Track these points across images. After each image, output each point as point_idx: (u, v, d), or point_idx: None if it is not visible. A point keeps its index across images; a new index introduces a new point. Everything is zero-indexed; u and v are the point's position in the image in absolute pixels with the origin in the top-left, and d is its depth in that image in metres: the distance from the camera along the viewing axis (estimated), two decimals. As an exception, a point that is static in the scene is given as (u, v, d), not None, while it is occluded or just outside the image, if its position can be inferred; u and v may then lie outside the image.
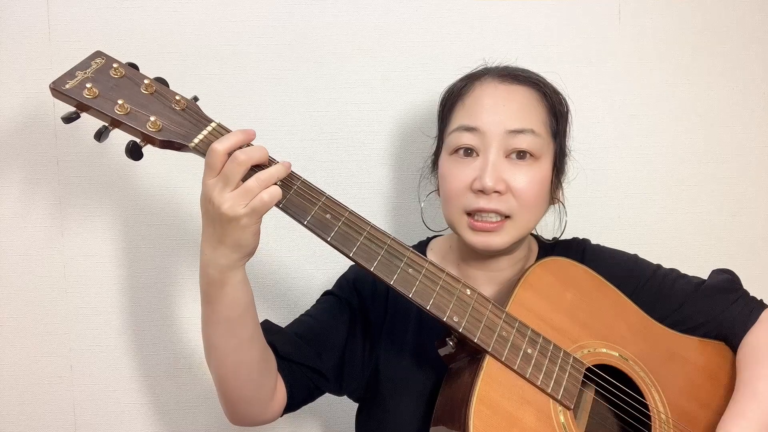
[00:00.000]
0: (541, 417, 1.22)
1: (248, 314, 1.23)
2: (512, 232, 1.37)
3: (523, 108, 1.37)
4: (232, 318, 1.21)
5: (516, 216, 1.35)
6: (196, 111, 1.22)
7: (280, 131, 1.77)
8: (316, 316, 1.46)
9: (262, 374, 1.30)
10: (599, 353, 1.34)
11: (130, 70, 1.23)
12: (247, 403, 1.31)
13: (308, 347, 1.39)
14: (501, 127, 1.34)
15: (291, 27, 1.76)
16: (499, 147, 1.34)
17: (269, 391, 1.32)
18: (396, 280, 1.20)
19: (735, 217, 1.92)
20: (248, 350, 1.25)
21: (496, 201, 1.33)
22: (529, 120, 1.36)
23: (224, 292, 1.19)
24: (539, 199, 1.38)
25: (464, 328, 1.22)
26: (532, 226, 1.40)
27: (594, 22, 1.82)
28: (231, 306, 1.20)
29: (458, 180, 1.37)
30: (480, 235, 1.36)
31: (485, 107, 1.37)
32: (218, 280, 1.18)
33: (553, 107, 1.41)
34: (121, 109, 1.16)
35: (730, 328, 1.43)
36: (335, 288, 1.52)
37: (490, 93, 1.39)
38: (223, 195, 1.11)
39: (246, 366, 1.26)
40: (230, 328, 1.22)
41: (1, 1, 1.71)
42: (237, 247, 1.15)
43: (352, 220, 1.20)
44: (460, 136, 1.37)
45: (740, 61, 1.87)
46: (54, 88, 1.17)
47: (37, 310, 1.79)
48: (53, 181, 1.75)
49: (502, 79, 1.40)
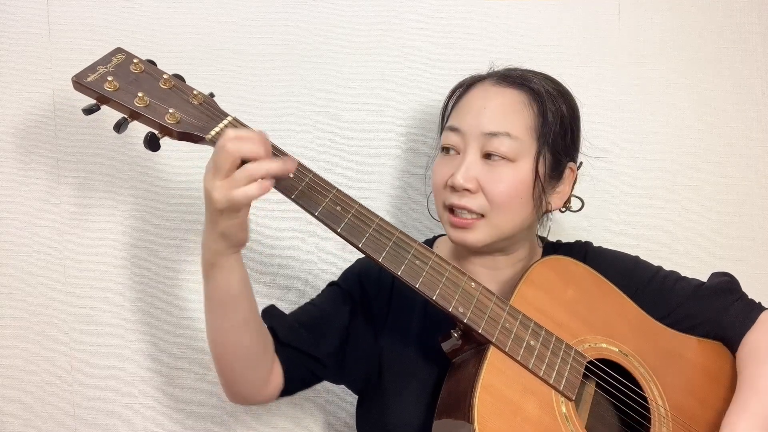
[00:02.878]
0: (543, 407, 1.23)
1: (240, 299, 1.27)
2: (487, 231, 1.39)
3: (504, 111, 1.39)
4: (224, 301, 1.26)
5: (489, 215, 1.38)
6: (212, 105, 1.26)
7: (280, 131, 1.76)
8: (318, 305, 1.50)
9: (257, 357, 1.34)
10: (600, 348, 1.35)
11: (150, 65, 1.28)
12: (242, 383, 1.36)
13: (307, 334, 1.42)
14: (478, 129, 1.38)
15: (291, 27, 1.77)
16: (476, 148, 1.38)
17: (264, 373, 1.37)
18: (403, 271, 1.24)
19: (735, 217, 1.92)
20: (241, 333, 1.30)
21: (467, 198, 1.38)
22: (507, 123, 1.38)
23: (214, 274, 1.24)
24: (513, 201, 1.38)
25: (469, 319, 1.24)
26: (510, 226, 1.41)
27: (594, 22, 1.83)
28: (222, 289, 1.25)
29: (439, 176, 1.43)
30: (457, 231, 1.41)
31: (471, 109, 1.42)
32: (210, 263, 1.23)
33: (544, 112, 1.41)
34: (141, 102, 1.21)
35: (728, 328, 1.45)
36: (340, 279, 1.55)
37: (481, 96, 1.43)
38: (213, 182, 1.15)
39: (239, 347, 1.31)
40: (222, 310, 1.28)
41: (1, 1, 1.71)
42: (223, 236, 1.20)
43: (361, 212, 1.24)
44: (448, 136, 1.43)
45: (740, 61, 1.87)
46: (76, 80, 1.22)
47: (37, 310, 1.78)
48: (53, 180, 1.75)
49: (498, 82, 1.44)
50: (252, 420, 1.86)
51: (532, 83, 1.42)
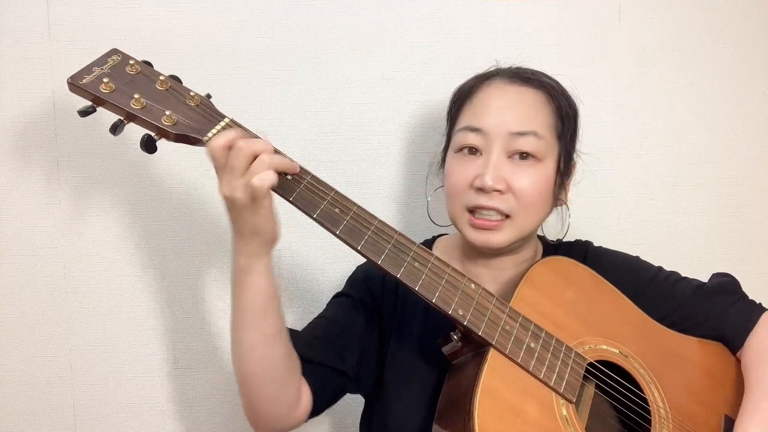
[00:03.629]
0: (543, 409, 1.23)
1: (272, 307, 1.25)
2: (512, 232, 1.38)
3: (528, 110, 1.38)
4: (257, 308, 1.23)
5: (516, 216, 1.37)
6: (209, 107, 1.25)
7: (280, 131, 1.76)
8: (331, 318, 1.47)
9: (287, 373, 1.30)
10: (600, 349, 1.35)
11: (146, 67, 1.26)
12: (272, 403, 1.31)
13: (329, 348, 1.40)
14: (504, 129, 1.36)
15: (291, 27, 1.76)
16: (501, 147, 1.36)
17: (294, 391, 1.32)
18: (402, 274, 1.22)
19: (735, 217, 1.92)
20: (273, 346, 1.26)
21: (496, 199, 1.35)
22: (533, 122, 1.37)
23: (249, 280, 1.22)
24: (540, 201, 1.38)
25: (469, 321, 1.23)
26: (532, 226, 1.41)
27: (594, 22, 1.83)
28: (256, 295, 1.23)
29: (461, 177, 1.39)
30: (480, 233, 1.38)
31: (491, 109, 1.39)
32: (243, 268, 1.21)
33: (560, 109, 1.42)
34: (137, 104, 1.20)
35: (729, 329, 1.45)
36: (346, 288, 1.53)
37: (497, 94, 1.41)
38: (232, 183, 1.14)
39: (270, 363, 1.27)
40: (255, 320, 1.24)
41: (1, 1, 1.71)
42: (255, 234, 1.19)
43: (360, 214, 1.23)
44: (466, 136, 1.40)
45: (740, 61, 1.87)
46: (72, 82, 1.20)
47: (37, 310, 1.78)
48: (53, 181, 1.75)
49: (511, 80, 1.42)
50: (252, 420, 1.85)
51: (547, 82, 1.42)
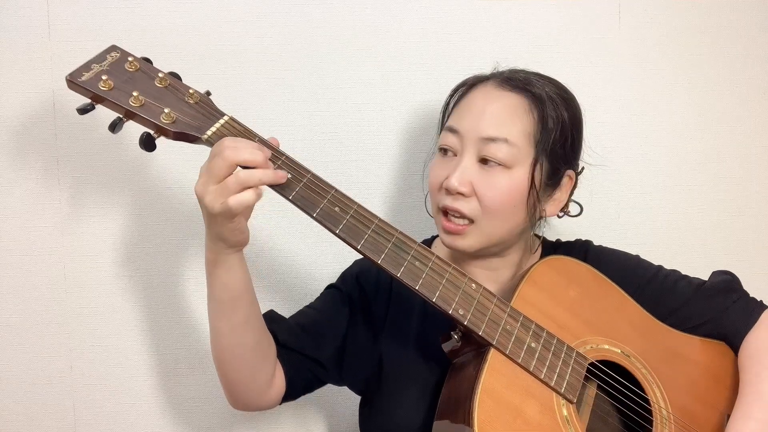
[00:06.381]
0: (544, 410, 1.22)
1: (241, 300, 1.27)
2: (476, 237, 1.39)
3: (503, 117, 1.37)
4: (224, 300, 1.27)
5: (479, 221, 1.37)
6: (208, 104, 1.24)
7: (280, 131, 1.73)
8: (317, 308, 1.50)
9: (259, 360, 1.34)
10: (602, 349, 1.35)
11: (145, 63, 1.25)
12: (245, 386, 1.36)
13: (307, 336, 1.43)
14: (476, 133, 1.36)
15: (291, 27, 1.76)
16: (472, 151, 1.37)
17: (267, 377, 1.37)
18: (403, 273, 1.22)
19: (735, 217, 1.92)
20: (242, 334, 1.30)
21: (459, 202, 1.36)
22: (506, 129, 1.36)
23: (216, 272, 1.24)
24: (505, 208, 1.37)
25: (469, 321, 1.23)
26: (499, 233, 1.40)
27: (594, 23, 1.83)
28: (222, 288, 1.26)
29: (436, 177, 1.41)
30: (447, 235, 1.41)
31: (470, 112, 1.40)
32: (211, 261, 1.24)
33: (544, 119, 1.39)
34: (136, 101, 1.19)
35: (730, 328, 1.44)
36: (338, 281, 1.55)
37: (482, 98, 1.41)
38: (205, 187, 1.14)
39: (241, 349, 1.31)
40: (223, 310, 1.28)
41: (1, 1, 1.70)
42: (219, 238, 1.20)
43: (360, 213, 1.22)
44: (446, 136, 1.42)
45: (740, 61, 1.87)
46: (70, 79, 1.20)
47: (37, 310, 1.78)
48: (53, 181, 1.75)
49: (500, 85, 1.41)
50: (253, 420, 1.86)
51: (535, 88, 1.40)
